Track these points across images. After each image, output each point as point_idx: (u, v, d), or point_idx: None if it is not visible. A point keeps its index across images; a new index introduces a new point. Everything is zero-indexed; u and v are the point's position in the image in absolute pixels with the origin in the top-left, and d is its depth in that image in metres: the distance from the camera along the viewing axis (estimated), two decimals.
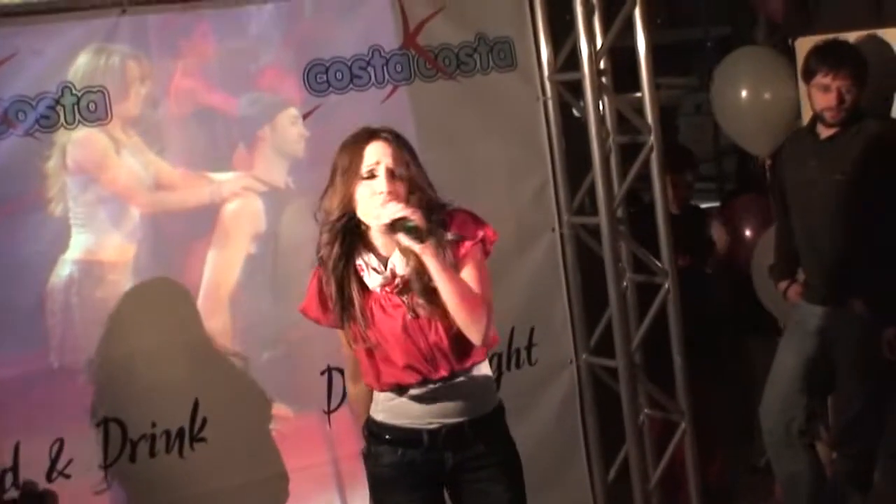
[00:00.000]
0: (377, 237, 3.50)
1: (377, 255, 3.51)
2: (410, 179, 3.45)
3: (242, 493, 4.58)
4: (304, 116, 4.72)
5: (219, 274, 4.60)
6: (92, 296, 4.34)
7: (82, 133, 4.29)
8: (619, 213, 5.22)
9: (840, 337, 4.85)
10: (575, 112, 5.40)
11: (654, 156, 5.20)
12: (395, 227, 3.36)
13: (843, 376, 4.89)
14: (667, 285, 5.23)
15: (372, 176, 3.42)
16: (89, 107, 4.29)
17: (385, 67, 4.89)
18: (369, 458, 3.68)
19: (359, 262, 3.51)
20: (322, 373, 4.74)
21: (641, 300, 5.40)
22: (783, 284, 5.16)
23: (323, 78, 4.77)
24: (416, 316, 3.48)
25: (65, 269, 4.30)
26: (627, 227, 5.28)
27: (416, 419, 3.56)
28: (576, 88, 5.21)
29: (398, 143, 3.48)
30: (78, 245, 4.32)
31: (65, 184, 4.28)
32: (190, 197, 4.55)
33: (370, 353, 3.54)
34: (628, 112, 5.26)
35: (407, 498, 3.60)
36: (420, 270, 3.44)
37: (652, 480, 5.30)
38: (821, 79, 4.74)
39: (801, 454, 5.04)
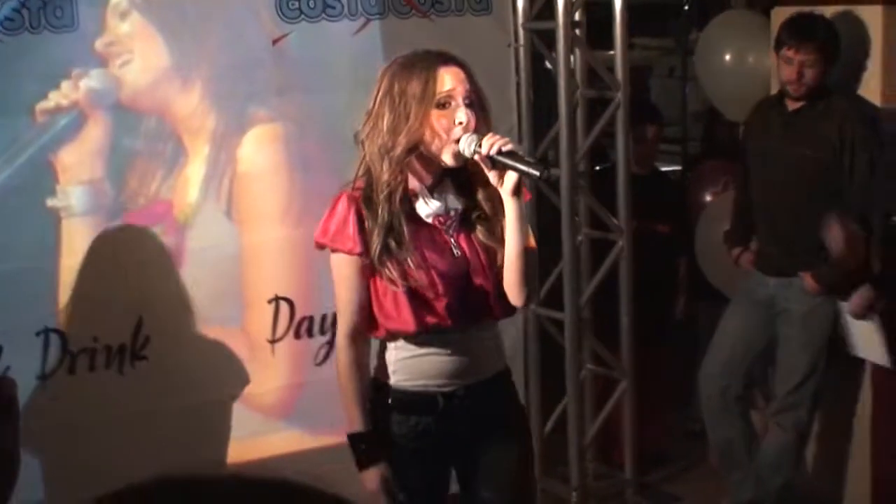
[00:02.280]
0: (426, 167, 3.20)
1: (425, 184, 3.24)
2: (483, 110, 3.20)
3: (182, 416, 4.58)
4: (274, 42, 4.69)
5: (174, 194, 4.58)
6: (42, 203, 4.31)
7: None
8: (581, 167, 5.23)
9: (787, 309, 4.89)
10: (547, 64, 5.40)
11: (620, 113, 5.22)
12: (497, 161, 3.08)
13: (785, 348, 4.94)
14: (621, 243, 5.26)
15: (446, 104, 3.13)
16: (56, 13, 4.24)
17: (359, 0, 4.86)
18: (379, 425, 3.30)
19: (411, 186, 3.22)
20: (269, 301, 4.75)
21: (596, 257, 5.42)
22: (736, 251, 5.20)
23: (295, 5, 4.72)
24: (464, 255, 3.25)
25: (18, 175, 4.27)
26: (588, 182, 5.30)
27: (431, 380, 3.28)
28: (549, 39, 5.22)
29: (470, 69, 3.22)
30: None
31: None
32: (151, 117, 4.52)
33: (410, 293, 3.19)
34: (599, 67, 5.26)
35: (419, 476, 3.33)
36: (475, 206, 3.24)
37: (588, 435, 5.35)
38: (785, 51, 4.78)
39: (735, 421, 5.09)
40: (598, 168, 5.85)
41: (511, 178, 3.11)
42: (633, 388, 5.35)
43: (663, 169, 6.39)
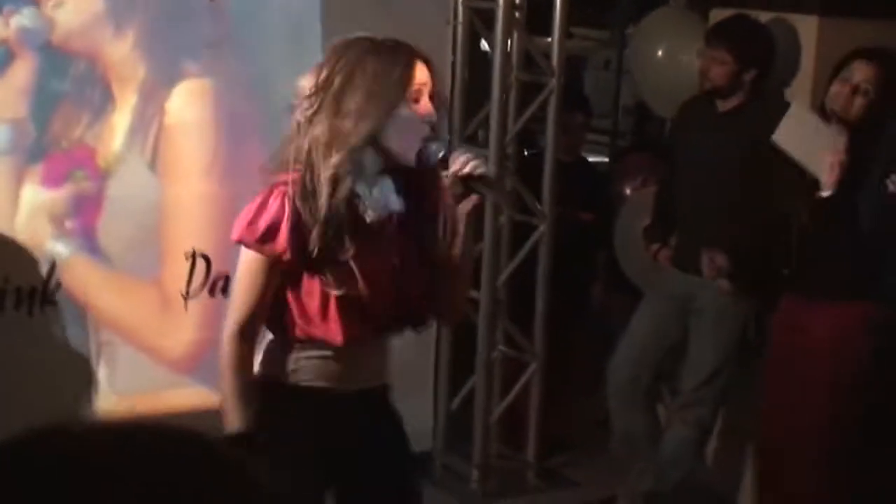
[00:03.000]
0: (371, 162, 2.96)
1: (369, 182, 2.96)
2: (442, 111, 3.07)
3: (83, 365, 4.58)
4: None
5: (97, 141, 4.55)
6: None
7: None
8: (509, 150, 5.26)
9: (701, 307, 4.93)
10: (483, 45, 5.40)
11: (552, 99, 5.25)
12: (470, 182, 2.94)
13: (695, 345, 4.98)
14: (542, 228, 5.30)
15: (417, 98, 2.94)
16: None
17: None
18: (267, 426, 3.03)
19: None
20: (187, 256, 4.73)
21: (515, 241, 5.45)
22: (655, 247, 5.22)
23: None
24: (401, 263, 3.05)
25: None
26: (514, 165, 5.33)
27: (335, 382, 3.09)
28: (487, 19, 5.23)
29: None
30: None
31: None
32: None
33: (342, 300, 2.98)
34: (536, 52, 5.29)
35: (312, 477, 3.11)
36: (418, 211, 3.04)
37: (494, 415, 5.40)
38: (704, 46, 4.88)
39: (640, 414, 5.14)
40: (525, 153, 5.87)
41: (472, 200, 2.99)
42: (542, 372, 5.40)
43: (591, 159, 6.43)
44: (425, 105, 2.96)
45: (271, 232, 2.92)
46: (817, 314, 4.49)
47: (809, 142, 4.40)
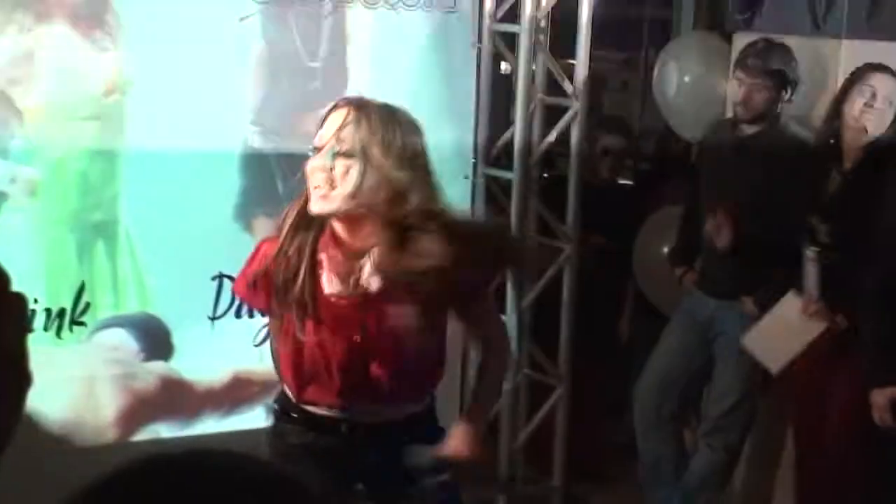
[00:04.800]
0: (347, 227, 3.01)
1: (343, 249, 3.02)
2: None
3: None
4: (242, 20, 4.70)
5: None
6: None
7: None
8: (534, 172, 5.29)
9: (725, 331, 4.95)
10: (505, 65, 5.43)
11: (576, 122, 5.28)
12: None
13: (721, 370, 5.00)
14: (567, 250, 5.32)
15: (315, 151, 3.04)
16: None
17: None
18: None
19: (321, 256, 3.03)
20: (213, 278, 4.76)
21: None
22: (680, 271, 5.25)
23: None
24: (364, 339, 3.04)
25: None
26: (538, 187, 5.36)
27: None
28: (512, 42, 5.26)
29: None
30: None
31: None
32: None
33: (297, 354, 3.07)
34: (559, 74, 5.32)
35: None
36: (401, 284, 3.00)
37: (519, 439, 5.41)
38: (739, 73, 4.87)
39: (667, 438, 5.15)
40: (545, 175, 5.89)
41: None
42: (567, 396, 5.41)
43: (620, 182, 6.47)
44: (315, 162, 2.97)
45: (244, 280, 3.15)
46: None
47: (775, 346, 4.65)
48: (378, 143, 2.93)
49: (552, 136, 5.36)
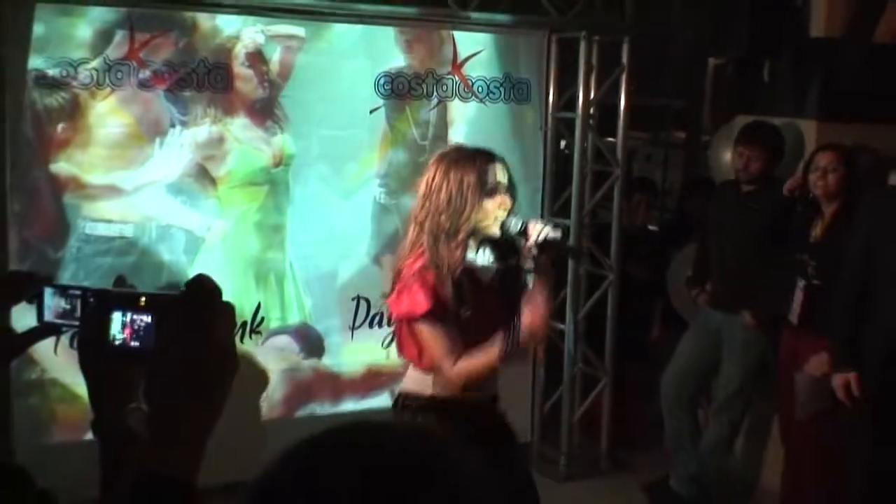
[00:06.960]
0: (473, 240, 2.95)
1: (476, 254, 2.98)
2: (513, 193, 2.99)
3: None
4: (371, 111, 4.79)
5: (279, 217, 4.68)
6: None
7: None
8: (586, 220, 5.32)
9: (730, 337, 4.90)
10: (563, 143, 5.47)
11: (617, 184, 5.30)
12: (546, 247, 2.87)
13: (726, 364, 4.94)
14: (611, 277, 5.33)
15: (494, 192, 2.90)
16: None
17: (435, 85, 4.95)
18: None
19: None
20: (352, 299, 4.83)
21: (589, 287, 5.48)
22: (695, 292, 5.22)
23: (389, 86, 4.83)
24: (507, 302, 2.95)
25: None
26: (589, 230, 5.38)
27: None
28: (568, 126, 5.31)
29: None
30: None
31: None
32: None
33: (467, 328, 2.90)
34: (604, 149, 5.34)
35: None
36: (512, 267, 2.97)
37: (576, 416, 5.41)
38: (739, 147, 4.83)
39: (686, 417, 5.09)
40: (594, 222, 5.92)
41: (546, 260, 2.89)
42: (611, 385, 5.41)
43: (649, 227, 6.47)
44: (502, 199, 2.91)
45: (428, 305, 2.86)
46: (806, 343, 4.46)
47: None
48: None
49: (599, 194, 5.39)
